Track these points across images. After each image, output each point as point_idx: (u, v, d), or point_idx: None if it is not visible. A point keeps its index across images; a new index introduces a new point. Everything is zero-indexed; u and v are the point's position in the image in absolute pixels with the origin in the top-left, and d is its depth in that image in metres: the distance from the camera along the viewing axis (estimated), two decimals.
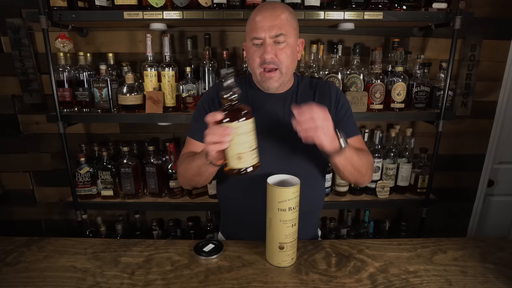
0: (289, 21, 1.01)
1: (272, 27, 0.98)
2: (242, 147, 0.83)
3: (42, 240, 1.11)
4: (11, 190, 2.00)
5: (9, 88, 1.82)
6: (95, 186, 1.72)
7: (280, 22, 0.98)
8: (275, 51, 1.00)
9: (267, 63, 1.00)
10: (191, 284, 0.90)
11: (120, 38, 1.78)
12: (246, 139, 0.83)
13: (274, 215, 0.92)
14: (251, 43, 1.03)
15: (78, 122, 1.70)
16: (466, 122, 1.95)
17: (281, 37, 0.99)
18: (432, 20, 1.52)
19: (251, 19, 1.03)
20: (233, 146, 0.83)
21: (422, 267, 0.98)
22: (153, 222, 1.89)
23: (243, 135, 0.82)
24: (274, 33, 0.98)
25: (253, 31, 1.00)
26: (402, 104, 1.62)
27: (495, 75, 1.89)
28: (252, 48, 1.03)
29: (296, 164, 1.08)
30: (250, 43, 1.03)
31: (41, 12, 1.39)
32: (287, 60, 1.03)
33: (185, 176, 1.10)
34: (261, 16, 0.99)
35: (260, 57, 1.01)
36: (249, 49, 1.05)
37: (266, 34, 0.98)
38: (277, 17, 0.98)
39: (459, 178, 2.06)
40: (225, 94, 0.84)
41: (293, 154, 1.08)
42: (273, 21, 0.98)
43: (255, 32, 1.00)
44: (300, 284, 0.90)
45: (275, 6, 1.01)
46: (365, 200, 1.76)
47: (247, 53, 1.07)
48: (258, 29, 0.99)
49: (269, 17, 0.98)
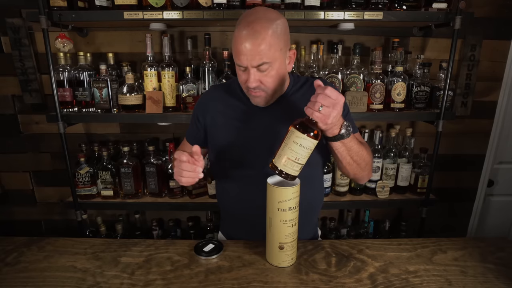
0: (272, 46, 0.93)
1: (253, 57, 0.92)
2: (291, 154, 0.87)
3: (42, 240, 1.11)
4: (11, 190, 2.00)
5: (9, 88, 1.82)
6: (95, 186, 1.72)
7: (262, 51, 0.91)
8: (259, 77, 0.97)
9: (252, 88, 0.98)
10: (191, 284, 0.90)
11: (120, 38, 1.78)
12: (299, 151, 0.86)
13: (274, 215, 0.92)
14: (237, 66, 0.99)
15: (78, 122, 1.70)
16: (466, 122, 1.95)
17: (264, 65, 0.94)
18: (432, 20, 1.52)
19: (235, 40, 0.95)
20: (287, 149, 0.87)
21: (422, 267, 0.98)
22: (153, 222, 1.89)
23: (299, 146, 0.86)
24: (256, 63, 0.93)
25: (236, 57, 0.96)
26: (402, 104, 1.62)
27: (495, 75, 1.88)
28: (239, 70, 1.00)
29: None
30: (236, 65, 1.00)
31: (41, 12, 1.39)
32: (274, 83, 0.99)
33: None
34: (242, 44, 0.92)
35: (245, 82, 0.99)
36: (236, 68, 1.02)
37: (248, 63, 0.94)
38: (259, 46, 0.91)
39: (459, 178, 2.06)
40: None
41: None
42: (254, 50, 0.91)
43: (238, 59, 0.95)
44: (300, 284, 0.90)
45: (256, 30, 0.91)
46: (365, 200, 1.76)
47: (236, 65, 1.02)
48: (241, 57, 0.94)
49: (250, 46, 0.91)
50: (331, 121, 0.85)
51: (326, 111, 0.84)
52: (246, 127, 1.09)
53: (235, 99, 1.13)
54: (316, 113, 0.84)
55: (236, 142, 1.09)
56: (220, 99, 1.15)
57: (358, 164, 1.04)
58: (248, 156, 1.07)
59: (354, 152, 0.99)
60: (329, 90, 0.83)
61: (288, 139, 0.87)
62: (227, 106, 1.13)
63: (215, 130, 1.13)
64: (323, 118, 0.85)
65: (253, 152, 1.07)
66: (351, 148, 0.98)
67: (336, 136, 0.93)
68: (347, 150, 0.98)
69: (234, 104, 1.12)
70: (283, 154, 0.87)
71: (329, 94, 0.83)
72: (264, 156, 1.03)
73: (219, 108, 1.13)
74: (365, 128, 1.86)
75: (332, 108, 0.84)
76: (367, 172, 1.10)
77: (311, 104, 0.86)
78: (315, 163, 1.13)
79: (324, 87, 0.85)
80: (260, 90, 1.00)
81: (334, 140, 0.94)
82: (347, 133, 0.93)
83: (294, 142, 0.86)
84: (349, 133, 0.94)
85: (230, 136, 1.10)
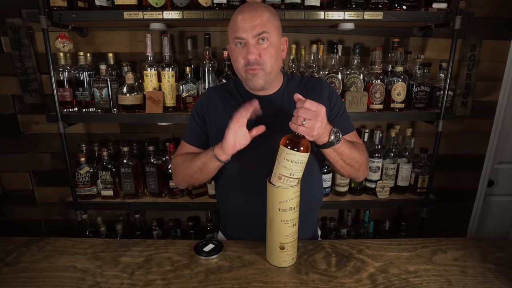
0: (270, 20, 1.00)
1: (254, 26, 0.97)
2: (286, 171, 0.88)
3: (42, 240, 1.11)
4: (11, 190, 2.00)
5: (9, 88, 1.82)
6: (95, 186, 1.72)
7: (262, 21, 0.98)
8: (259, 51, 0.99)
9: (251, 64, 1.00)
10: (191, 284, 0.90)
11: (120, 38, 1.78)
12: (292, 166, 0.87)
13: (275, 215, 0.92)
14: (234, 44, 1.02)
15: (78, 122, 1.70)
16: (466, 122, 1.95)
17: (264, 34, 0.98)
18: (432, 20, 1.52)
19: (233, 19, 1.02)
20: (280, 167, 0.88)
21: (422, 267, 0.98)
22: (153, 222, 1.89)
23: (291, 162, 0.87)
24: (256, 32, 0.98)
25: (235, 31, 1.00)
26: (402, 104, 1.62)
27: (495, 75, 1.88)
28: (236, 49, 1.02)
29: None
30: (233, 44, 1.03)
31: (41, 12, 1.39)
32: (271, 60, 1.01)
33: (184, 174, 1.12)
34: (242, 16, 0.99)
35: (244, 58, 1.01)
36: (233, 51, 1.04)
37: (248, 34, 0.98)
38: (258, 17, 0.98)
39: (459, 178, 2.06)
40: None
41: None
42: (254, 20, 0.98)
43: (237, 32, 0.99)
44: (300, 284, 0.90)
45: (255, 6, 1.02)
46: (365, 200, 1.76)
47: (231, 56, 1.06)
48: (239, 29, 0.98)
49: (250, 17, 0.98)
50: (316, 132, 0.87)
51: (310, 124, 0.85)
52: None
53: (233, 99, 1.13)
54: (301, 128, 0.86)
55: None
56: (218, 100, 1.15)
57: (351, 166, 1.05)
58: (247, 156, 1.07)
59: (346, 156, 1.01)
60: (308, 103, 0.85)
61: (280, 157, 0.89)
62: (226, 107, 1.13)
63: (214, 130, 1.13)
64: (308, 131, 0.86)
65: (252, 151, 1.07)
66: (343, 152, 0.99)
67: (325, 144, 0.94)
68: (339, 155, 1.00)
69: (233, 104, 1.12)
70: (277, 172, 0.89)
71: (309, 107, 0.85)
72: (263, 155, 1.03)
73: (218, 109, 1.13)
74: (365, 128, 1.86)
75: (315, 120, 0.85)
76: (362, 172, 1.12)
77: (294, 119, 0.88)
78: (314, 162, 1.13)
79: (303, 100, 0.86)
80: (259, 67, 1.01)
81: (324, 147, 0.96)
82: (336, 139, 0.94)
83: (285, 159, 0.87)
84: (338, 139, 0.95)
85: None
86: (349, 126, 1.15)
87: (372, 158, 1.71)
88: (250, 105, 0.96)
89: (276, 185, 0.90)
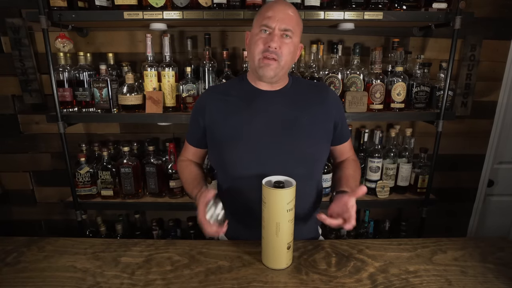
0: (298, 23, 1.07)
1: (283, 20, 1.02)
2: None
3: (42, 240, 1.11)
4: (11, 190, 2.00)
5: (9, 88, 1.82)
6: (95, 186, 1.72)
7: (291, 19, 1.04)
8: (281, 43, 1.03)
9: (269, 51, 1.02)
10: (191, 284, 0.90)
11: (120, 38, 1.78)
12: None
13: (282, 217, 0.91)
14: (259, 30, 1.05)
15: (78, 122, 1.70)
16: (466, 122, 1.95)
17: (289, 32, 1.03)
18: (432, 20, 1.52)
19: (264, 8, 1.06)
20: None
21: (422, 267, 0.98)
22: (153, 222, 1.89)
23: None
24: (284, 27, 1.02)
25: (265, 19, 1.03)
26: (402, 104, 1.62)
27: (495, 75, 1.88)
28: (259, 34, 1.05)
29: (294, 162, 1.07)
30: (257, 30, 1.05)
31: (41, 12, 1.39)
32: (288, 56, 1.05)
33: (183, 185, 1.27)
34: (275, 8, 1.04)
35: (264, 44, 1.03)
36: (254, 35, 1.06)
37: (276, 25, 1.02)
38: (289, 15, 1.04)
39: (459, 178, 2.06)
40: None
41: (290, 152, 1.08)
42: (285, 16, 1.03)
43: (267, 20, 1.03)
44: (300, 284, 0.90)
45: (289, 5, 1.07)
46: (365, 200, 1.76)
47: (251, 40, 1.08)
48: (270, 18, 1.02)
49: (282, 12, 1.03)
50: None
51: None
52: (247, 122, 1.09)
53: (234, 98, 1.13)
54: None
55: (237, 140, 1.09)
56: (218, 98, 1.15)
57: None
58: (248, 154, 1.07)
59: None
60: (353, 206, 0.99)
61: None
62: (227, 105, 1.13)
63: (214, 129, 1.13)
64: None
65: (254, 149, 1.07)
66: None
67: None
68: None
69: (233, 103, 1.12)
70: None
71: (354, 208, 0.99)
72: (264, 154, 1.03)
73: (218, 108, 1.13)
74: (365, 128, 1.86)
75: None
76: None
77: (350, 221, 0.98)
78: (313, 161, 1.13)
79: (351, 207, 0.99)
80: (276, 57, 1.03)
81: None
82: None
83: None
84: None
85: (230, 134, 1.10)
86: (348, 134, 1.24)
87: (372, 158, 1.71)
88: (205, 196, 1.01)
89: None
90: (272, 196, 0.90)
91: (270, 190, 0.90)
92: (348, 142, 1.25)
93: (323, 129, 1.14)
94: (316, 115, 1.12)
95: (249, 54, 1.10)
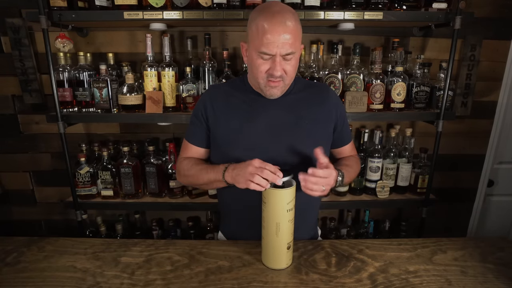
0: (297, 37, 0.99)
1: (284, 44, 0.95)
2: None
3: (42, 240, 1.11)
4: (11, 190, 2.00)
5: (9, 88, 1.82)
6: (95, 186, 1.72)
7: (291, 37, 0.95)
8: (284, 66, 0.99)
9: (274, 76, 1.00)
10: (191, 284, 0.90)
11: (120, 38, 1.78)
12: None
13: (282, 217, 0.91)
14: (258, 55, 0.98)
15: (78, 122, 1.70)
16: (466, 122, 1.95)
17: (291, 55, 0.98)
18: (432, 20, 1.52)
19: (261, 29, 0.95)
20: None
21: (422, 267, 0.98)
22: (153, 222, 1.89)
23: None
24: (285, 52, 0.96)
25: (263, 46, 0.95)
26: (402, 104, 1.62)
27: (495, 75, 1.88)
28: (258, 60, 0.99)
29: (294, 163, 1.08)
30: (255, 54, 0.99)
31: (41, 12, 1.39)
32: (292, 73, 1.03)
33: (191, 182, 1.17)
34: (274, 30, 0.93)
35: (267, 71, 1.00)
36: (254, 59, 1.01)
37: (277, 50, 0.95)
38: (289, 36, 0.94)
39: (459, 178, 2.06)
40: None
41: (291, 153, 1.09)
42: (284, 36, 0.94)
43: (265, 47, 0.95)
44: (300, 284, 0.90)
45: (284, 15, 0.95)
46: (365, 200, 1.76)
47: (251, 61, 1.03)
48: (269, 45, 0.94)
49: (281, 32, 0.93)
50: (329, 189, 1.00)
51: (327, 188, 0.97)
52: (249, 125, 1.09)
53: (236, 99, 1.13)
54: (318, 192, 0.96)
55: (239, 140, 1.09)
56: (221, 98, 1.15)
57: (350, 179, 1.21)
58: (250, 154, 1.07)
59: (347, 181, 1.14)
60: (321, 173, 0.94)
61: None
62: (229, 105, 1.13)
63: (217, 128, 1.13)
64: (325, 193, 0.98)
65: (256, 149, 1.07)
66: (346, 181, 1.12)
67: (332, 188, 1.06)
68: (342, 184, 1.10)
69: (235, 104, 1.12)
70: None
71: (325, 175, 0.95)
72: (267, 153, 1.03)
73: (221, 107, 1.13)
74: (365, 128, 1.86)
75: (329, 185, 0.97)
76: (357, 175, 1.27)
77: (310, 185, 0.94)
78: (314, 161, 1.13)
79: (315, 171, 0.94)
80: (281, 79, 1.02)
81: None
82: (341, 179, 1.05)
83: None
84: (343, 177, 1.06)
85: (232, 134, 1.10)
86: (349, 136, 1.23)
87: (372, 158, 1.71)
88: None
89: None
90: (272, 196, 0.90)
91: (270, 190, 0.90)
92: (349, 145, 1.24)
93: (323, 129, 1.14)
94: (317, 115, 1.12)
95: (250, 72, 1.07)
